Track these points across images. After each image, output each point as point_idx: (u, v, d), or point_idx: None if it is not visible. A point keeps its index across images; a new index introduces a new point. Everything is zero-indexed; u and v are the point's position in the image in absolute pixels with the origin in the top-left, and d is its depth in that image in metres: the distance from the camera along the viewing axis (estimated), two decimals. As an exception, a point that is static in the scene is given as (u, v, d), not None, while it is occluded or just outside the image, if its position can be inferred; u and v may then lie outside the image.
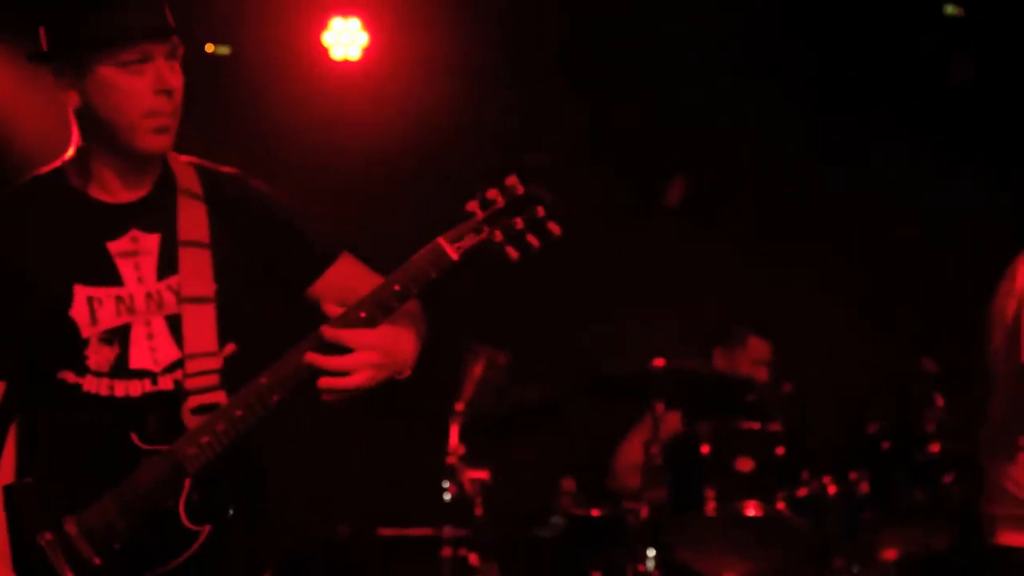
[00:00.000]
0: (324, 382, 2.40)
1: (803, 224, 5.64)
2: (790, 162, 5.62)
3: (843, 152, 5.58)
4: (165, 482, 2.47)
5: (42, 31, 2.52)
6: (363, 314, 2.40)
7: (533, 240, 2.40)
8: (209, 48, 4.90)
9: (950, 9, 5.26)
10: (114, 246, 2.52)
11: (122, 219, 2.54)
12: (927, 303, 5.43)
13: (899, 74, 5.50)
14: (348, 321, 2.42)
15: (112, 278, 2.51)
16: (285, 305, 2.62)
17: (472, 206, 2.40)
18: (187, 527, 2.49)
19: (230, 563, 2.59)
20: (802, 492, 4.34)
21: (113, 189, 2.54)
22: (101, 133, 2.50)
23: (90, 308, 2.49)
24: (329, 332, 2.40)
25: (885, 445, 4.36)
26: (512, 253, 2.40)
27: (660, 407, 4.31)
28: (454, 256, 2.39)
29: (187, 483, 2.48)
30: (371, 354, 2.41)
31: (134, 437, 2.49)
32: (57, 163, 2.58)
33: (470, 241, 2.39)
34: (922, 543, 4.41)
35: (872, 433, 4.40)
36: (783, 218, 5.66)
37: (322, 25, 5.11)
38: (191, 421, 2.48)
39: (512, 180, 2.41)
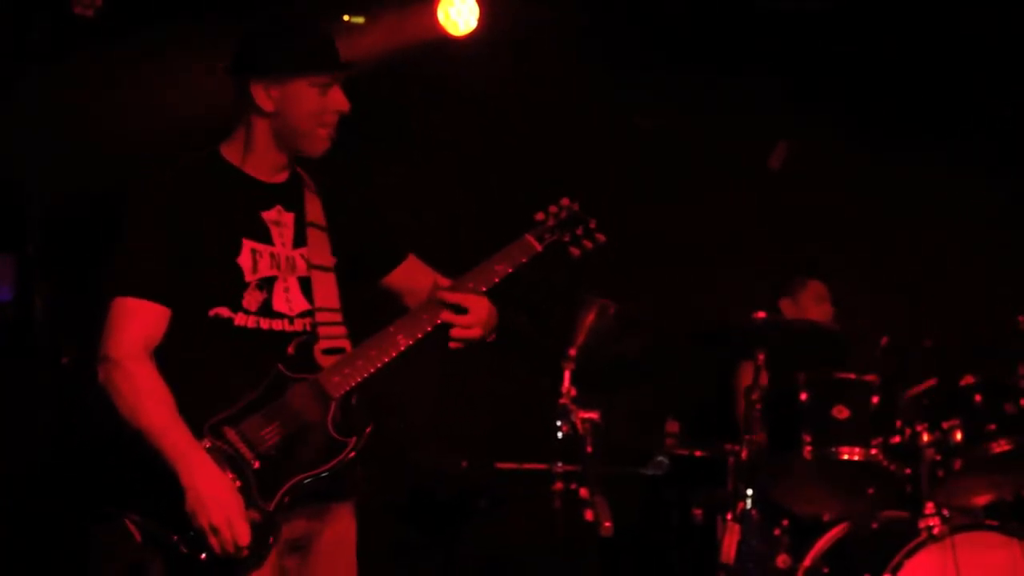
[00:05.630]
0: (456, 332, 3.04)
1: (909, 177, 5.69)
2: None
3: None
4: (312, 403, 2.94)
5: (241, 48, 3.02)
6: (472, 284, 3.07)
7: (587, 244, 3.23)
8: (346, 18, 5.16)
9: None
10: (267, 215, 3.05)
11: (270, 195, 3.07)
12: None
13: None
14: (463, 289, 3.06)
15: (267, 238, 3.03)
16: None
17: (540, 216, 3.18)
18: (336, 438, 2.94)
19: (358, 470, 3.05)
20: (896, 439, 4.41)
21: (265, 172, 3.07)
22: (280, 133, 3.02)
23: (253, 258, 2.99)
24: (451, 296, 3.04)
25: (978, 398, 4.41)
26: (574, 252, 3.23)
27: (761, 357, 4.42)
28: (539, 248, 3.16)
29: (332, 405, 2.95)
30: (482, 314, 3.06)
31: (281, 367, 2.96)
32: (209, 148, 3.07)
33: (549, 239, 3.16)
34: (1011, 490, 4.51)
35: (966, 386, 4.44)
36: (889, 174, 5.72)
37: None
38: (322, 359, 2.98)
39: (567, 201, 3.24)
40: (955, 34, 5.46)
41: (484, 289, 3.09)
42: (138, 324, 2.92)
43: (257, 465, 2.90)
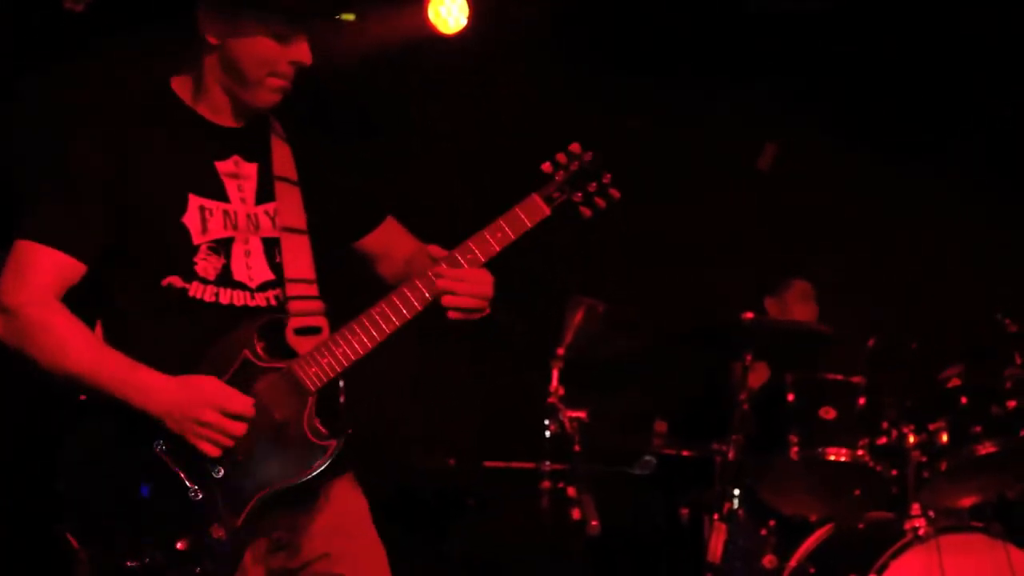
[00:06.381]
0: (449, 300, 2.62)
1: (895, 183, 5.70)
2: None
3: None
4: (286, 398, 2.53)
5: None
6: (471, 256, 2.66)
7: (601, 202, 2.77)
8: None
9: None
10: (221, 166, 2.64)
11: (227, 142, 2.66)
12: (1009, 264, 5.48)
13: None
14: (462, 262, 2.66)
15: (220, 194, 2.62)
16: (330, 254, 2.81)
17: (547, 167, 2.73)
18: (313, 441, 2.53)
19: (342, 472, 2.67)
20: (882, 441, 4.42)
21: (221, 114, 2.66)
22: (228, 75, 2.63)
23: (202, 217, 2.59)
24: (449, 273, 2.64)
25: (964, 400, 4.41)
26: (586, 212, 2.77)
27: (749, 357, 4.43)
28: (547, 210, 2.72)
29: (310, 401, 2.54)
30: (481, 287, 2.67)
31: (248, 354, 2.53)
32: (157, 79, 2.68)
33: (559, 199, 2.72)
34: (996, 492, 4.50)
35: (952, 388, 4.44)
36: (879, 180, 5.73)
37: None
38: (295, 342, 2.58)
39: (578, 147, 2.76)
40: (955, 34, 5.46)
41: (484, 260, 2.68)
42: (43, 271, 2.50)
43: (222, 473, 2.50)
